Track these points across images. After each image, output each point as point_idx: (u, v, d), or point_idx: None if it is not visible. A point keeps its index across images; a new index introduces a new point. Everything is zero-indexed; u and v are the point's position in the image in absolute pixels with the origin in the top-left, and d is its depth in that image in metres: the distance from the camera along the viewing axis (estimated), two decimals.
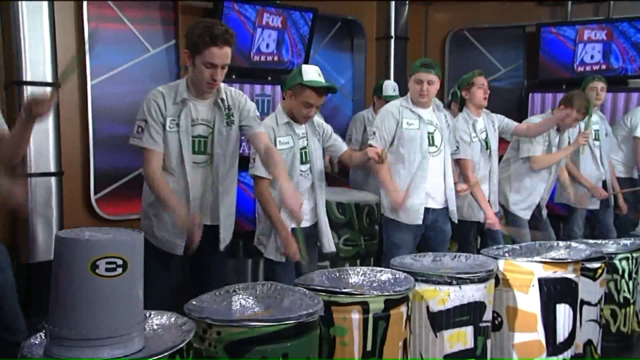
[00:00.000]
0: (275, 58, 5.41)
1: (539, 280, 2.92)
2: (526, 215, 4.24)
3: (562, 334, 2.98)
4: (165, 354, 1.70)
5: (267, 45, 5.34)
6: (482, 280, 2.69)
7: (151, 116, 2.61)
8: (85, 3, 4.67)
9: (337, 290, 2.31)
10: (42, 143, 4.30)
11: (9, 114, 4.32)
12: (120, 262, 1.70)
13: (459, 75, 6.57)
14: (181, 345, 1.75)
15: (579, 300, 3.18)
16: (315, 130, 3.23)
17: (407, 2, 6.72)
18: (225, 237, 2.81)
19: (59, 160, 4.40)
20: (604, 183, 4.79)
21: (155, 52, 5.14)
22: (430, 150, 3.46)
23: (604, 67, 6.41)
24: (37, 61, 4.28)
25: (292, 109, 3.10)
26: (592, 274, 3.38)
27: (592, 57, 6.47)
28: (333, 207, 3.84)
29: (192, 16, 5.29)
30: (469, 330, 2.69)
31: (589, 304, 3.40)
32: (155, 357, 1.68)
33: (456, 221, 3.59)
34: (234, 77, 5.24)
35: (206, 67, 2.57)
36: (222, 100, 2.74)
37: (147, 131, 2.61)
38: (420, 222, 3.44)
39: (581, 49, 6.46)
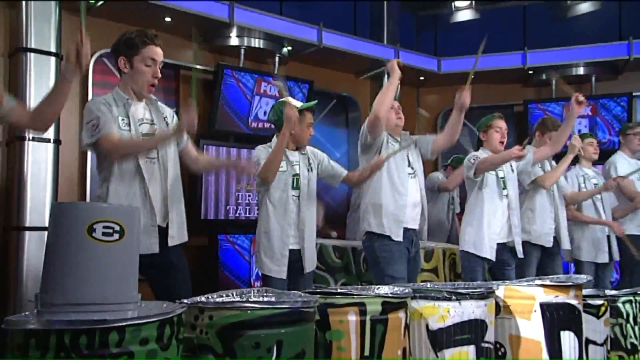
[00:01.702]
0: (273, 125, 5.56)
1: (541, 305, 2.84)
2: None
3: None
4: (155, 319, 1.63)
5: (265, 113, 5.52)
6: (482, 297, 2.61)
7: (103, 114, 2.55)
8: (90, 70, 4.90)
9: (333, 291, 2.26)
10: (38, 197, 4.33)
11: (9, 167, 4.41)
12: (117, 227, 1.69)
13: (449, 153, 6.81)
14: (171, 315, 1.69)
15: (584, 335, 3.08)
16: (308, 160, 3.39)
17: (399, 82, 7.01)
18: (176, 234, 2.71)
19: None
20: (608, 237, 4.76)
21: None
22: (409, 171, 3.56)
23: None
24: None
25: (300, 137, 3.34)
26: (595, 311, 3.28)
27: (579, 131, 6.67)
28: (330, 250, 3.81)
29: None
30: (470, 350, 2.57)
31: (594, 343, 3.28)
32: (144, 321, 1.61)
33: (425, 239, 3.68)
34: (232, 141, 5.37)
35: (147, 65, 2.63)
36: (155, 100, 2.79)
37: (103, 126, 2.52)
38: (400, 238, 3.44)
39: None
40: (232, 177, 5.37)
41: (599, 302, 3.31)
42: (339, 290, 2.27)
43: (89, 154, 4.85)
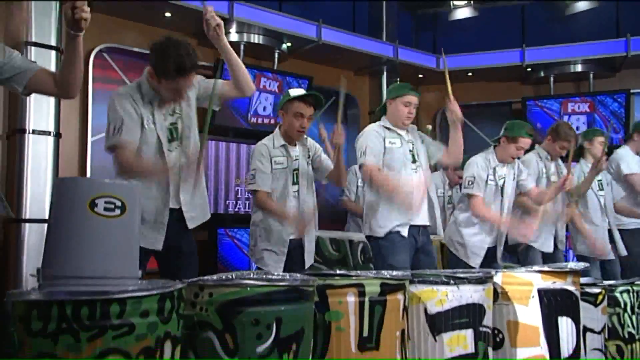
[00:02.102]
0: (272, 121, 5.59)
1: (539, 291, 2.85)
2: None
3: (566, 349, 2.86)
4: (155, 292, 1.65)
5: (264, 108, 5.55)
6: (480, 281, 2.63)
7: (129, 116, 2.54)
8: (90, 65, 4.92)
9: (332, 273, 2.27)
10: (38, 190, 4.35)
11: (10, 160, 4.42)
12: (118, 203, 1.72)
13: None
14: (171, 289, 1.70)
15: (581, 322, 3.11)
16: (307, 152, 3.38)
17: (398, 80, 7.05)
18: (194, 215, 2.75)
19: None
20: (609, 232, 4.77)
21: None
22: (412, 166, 3.50)
23: None
24: (40, 112, 4.43)
25: (287, 127, 3.30)
26: (593, 299, 3.31)
27: (577, 128, 6.70)
28: (327, 243, 3.81)
29: None
30: (469, 333, 2.59)
31: (592, 331, 3.30)
32: (145, 294, 1.63)
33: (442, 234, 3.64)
34: (231, 136, 5.40)
35: (170, 92, 2.59)
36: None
37: (126, 129, 2.51)
38: (406, 234, 3.40)
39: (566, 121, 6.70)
40: (231, 172, 5.39)
41: (596, 290, 3.34)
42: (338, 272, 2.28)
43: (89, 147, 4.87)
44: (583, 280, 3.53)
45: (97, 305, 1.55)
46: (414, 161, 3.51)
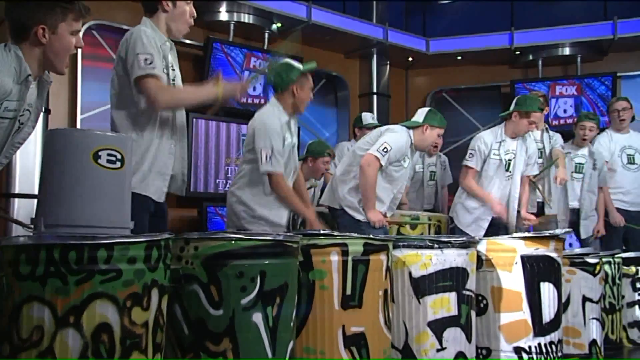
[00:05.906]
0: (262, 101, 5.61)
1: (522, 257, 2.91)
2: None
3: (547, 314, 2.92)
4: (143, 239, 1.69)
5: (254, 88, 5.56)
6: (463, 246, 2.69)
7: (156, 53, 2.50)
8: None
9: (316, 232, 2.32)
10: (27, 165, 4.36)
11: None
12: (119, 156, 1.78)
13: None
14: (159, 239, 1.74)
15: (581, 292, 3.28)
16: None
17: (388, 63, 7.08)
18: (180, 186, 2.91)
19: None
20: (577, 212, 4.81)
21: None
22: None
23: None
24: None
25: (300, 100, 3.25)
26: (592, 269, 3.40)
27: (565, 111, 6.76)
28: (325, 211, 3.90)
29: (181, 60, 5.53)
30: (452, 296, 2.64)
31: (591, 300, 3.39)
32: (132, 240, 1.66)
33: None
34: (221, 115, 5.41)
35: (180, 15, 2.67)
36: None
37: (157, 64, 2.47)
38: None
39: (554, 104, 6.76)
40: (222, 152, 5.42)
41: (594, 260, 3.42)
42: (322, 232, 2.32)
43: (78, 125, 4.87)
44: (580, 250, 3.63)
45: (85, 249, 1.59)
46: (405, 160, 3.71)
